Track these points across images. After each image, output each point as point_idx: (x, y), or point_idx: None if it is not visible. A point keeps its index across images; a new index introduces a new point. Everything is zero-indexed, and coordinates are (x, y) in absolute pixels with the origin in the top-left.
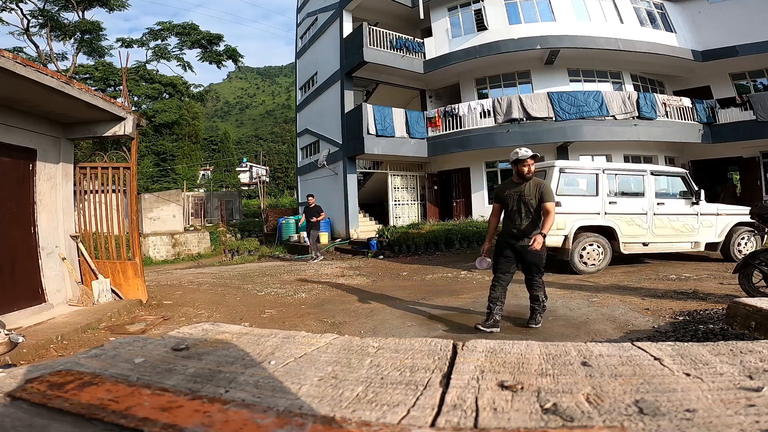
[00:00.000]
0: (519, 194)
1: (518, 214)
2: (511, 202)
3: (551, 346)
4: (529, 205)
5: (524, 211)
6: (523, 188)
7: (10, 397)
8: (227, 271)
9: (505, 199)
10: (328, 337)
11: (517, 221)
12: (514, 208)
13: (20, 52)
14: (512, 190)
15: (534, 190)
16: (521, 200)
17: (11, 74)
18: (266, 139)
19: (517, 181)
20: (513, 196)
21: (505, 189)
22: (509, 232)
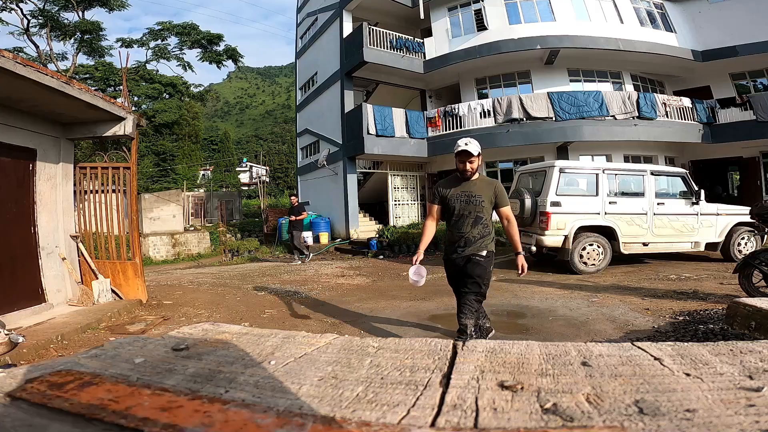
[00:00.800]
0: (467, 195)
1: (465, 219)
2: (457, 204)
3: (551, 346)
4: (479, 207)
5: (473, 216)
6: (471, 188)
7: (10, 397)
8: (227, 271)
9: (448, 200)
10: (328, 337)
11: (463, 227)
12: (460, 212)
13: (20, 52)
14: (458, 190)
15: (487, 191)
16: (470, 203)
17: (11, 74)
18: (266, 139)
19: (462, 178)
20: (459, 197)
21: (449, 187)
22: (452, 242)
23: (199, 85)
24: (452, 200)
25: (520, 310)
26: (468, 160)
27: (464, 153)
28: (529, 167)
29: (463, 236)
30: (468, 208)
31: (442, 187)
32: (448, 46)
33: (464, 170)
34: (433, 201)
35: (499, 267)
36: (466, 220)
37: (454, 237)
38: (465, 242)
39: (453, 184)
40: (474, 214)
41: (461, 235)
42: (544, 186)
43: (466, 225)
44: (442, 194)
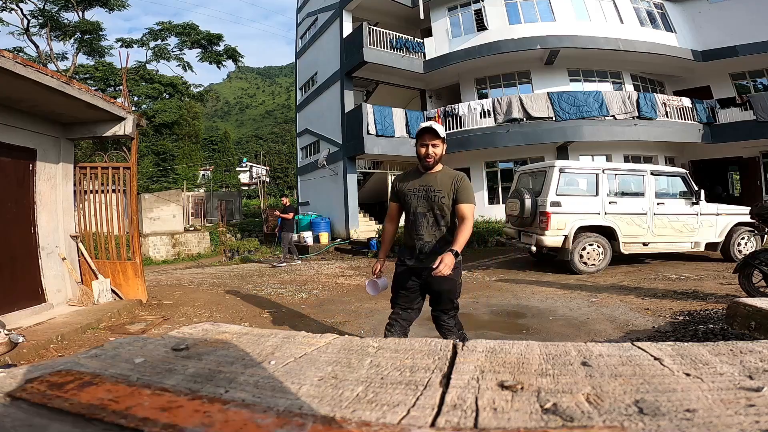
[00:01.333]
0: (426, 189)
1: (423, 218)
2: (414, 199)
3: (551, 346)
4: (439, 204)
5: (432, 213)
6: (431, 181)
7: (10, 397)
8: (227, 271)
9: (405, 194)
10: (328, 337)
11: (421, 229)
12: (417, 208)
13: (20, 52)
14: (416, 183)
15: (448, 185)
16: (429, 198)
17: (11, 74)
18: (266, 139)
19: (421, 170)
20: (416, 192)
21: (406, 180)
22: (409, 247)
23: (199, 85)
24: (408, 195)
25: (520, 310)
26: (431, 143)
27: (428, 132)
28: (529, 167)
29: (421, 239)
30: (426, 204)
31: (399, 181)
32: (448, 46)
33: (426, 156)
34: (390, 198)
35: (499, 267)
36: (423, 219)
37: (412, 241)
38: (426, 248)
39: (412, 176)
40: (433, 212)
41: (419, 237)
42: (544, 186)
43: (424, 226)
44: (398, 188)
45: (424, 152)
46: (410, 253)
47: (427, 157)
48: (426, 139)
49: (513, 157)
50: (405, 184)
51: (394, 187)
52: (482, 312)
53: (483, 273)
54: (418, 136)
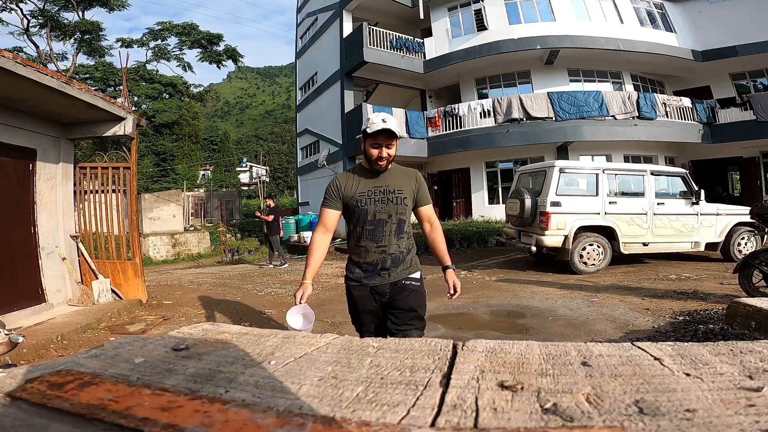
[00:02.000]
0: (383, 191)
1: (384, 226)
2: (371, 203)
3: (551, 346)
4: (402, 208)
5: (396, 219)
6: (388, 181)
7: (10, 397)
8: (227, 271)
9: (354, 200)
10: (328, 337)
11: (383, 239)
12: (376, 215)
13: (20, 52)
14: (369, 184)
15: (409, 184)
16: (389, 200)
17: (11, 74)
18: (266, 139)
19: (372, 170)
20: (372, 194)
21: (354, 182)
22: (371, 264)
23: (199, 85)
24: (361, 200)
25: (520, 310)
26: (386, 144)
27: (384, 133)
28: (529, 167)
29: (384, 251)
30: (387, 209)
31: (343, 183)
32: (448, 46)
33: (378, 159)
34: (326, 203)
35: (499, 267)
36: (385, 227)
37: (370, 255)
38: (390, 261)
39: (361, 176)
40: (396, 217)
41: (382, 250)
42: (544, 186)
43: (387, 235)
44: (344, 192)
45: (376, 154)
46: (370, 270)
47: (380, 160)
48: (380, 139)
49: (513, 157)
50: (354, 186)
51: (336, 191)
52: (482, 312)
53: (483, 273)
54: (371, 135)
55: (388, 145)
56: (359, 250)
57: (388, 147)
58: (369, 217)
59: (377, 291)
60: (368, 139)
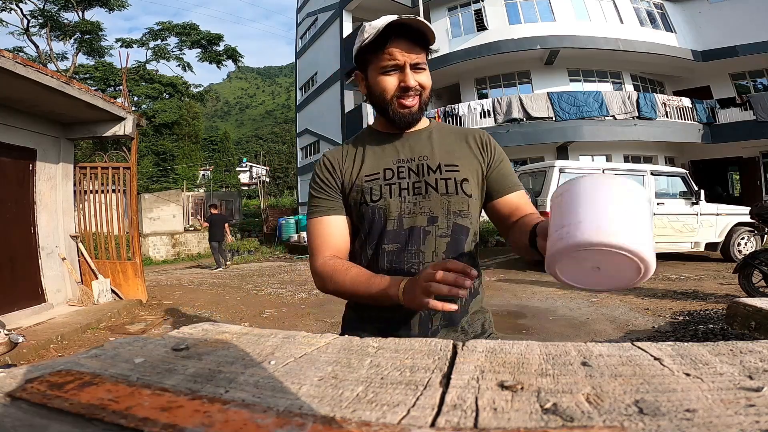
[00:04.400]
0: (416, 168)
1: (418, 242)
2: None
3: (551, 346)
4: (457, 200)
5: (444, 226)
6: (424, 149)
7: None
8: (227, 271)
9: (356, 192)
10: (328, 337)
11: (417, 268)
12: (401, 219)
13: (20, 52)
14: (387, 159)
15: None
16: (429, 187)
17: (11, 74)
18: (266, 139)
19: (392, 131)
20: (392, 179)
21: (353, 160)
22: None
23: (199, 85)
24: (373, 190)
25: (520, 310)
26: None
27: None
28: (529, 167)
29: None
30: (428, 204)
31: (336, 161)
32: (448, 46)
33: (403, 92)
34: (316, 209)
35: (499, 267)
36: (424, 243)
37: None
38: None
39: (367, 148)
40: (448, 221)
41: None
42: (544, 186)
43: (430, 261)
44: (340, 180)
45: (396, 85)
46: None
47: (405, 94)
48: (397, 52)
49: (513, 157)
50: (356, 164)
51: (326, 179)
52: None
53: (483, 273)
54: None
55: (417, 66)
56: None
57: (417, 69)
58: (391, 224)
59: None
60: (372, 61)
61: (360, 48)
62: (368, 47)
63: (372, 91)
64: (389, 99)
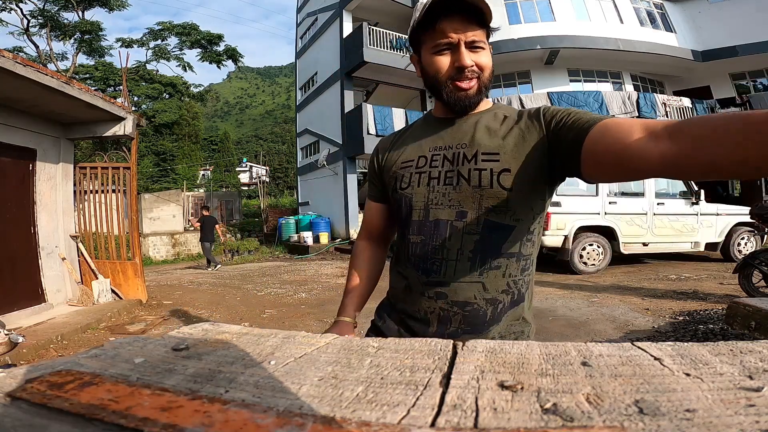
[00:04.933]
0: (451, 156)
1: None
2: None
3: (551, 346)
4: (490, 194)
5: (472, 223)
6: (465, 135)
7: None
8: (227, 271)
9: (392, 179)
10: (328, 337)
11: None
12: (428, 212)
13: (20, 52)
14: (427, 146)
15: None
16: (461, 178)
17: (11, 74)
18: (266, 139)
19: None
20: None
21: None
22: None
23: (199, 85)
24: (404, 177)
25: None
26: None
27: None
28: None
29: (445, 296)
30: (457, 197)
31: (383, 147)
32: None
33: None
34: (369, 189)
35: None
36: (448, 238)
37: (414, 296)
38: (455, 319)
39: (418, 133)
40: (479, 217)
41: (439, 291)
42: None
43: (455, 259)
44: (383, 164)
45: (452, 65)
46: (416, 330)
47: (461, 75)
48: (452, 29)
49: None
50: (399, 149)
51: (374, 164)
52: None
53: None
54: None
55: (473, 45)
56: (399, 283)
57: (474, 48)
58: (416, 214)
59: None
60: (425, 41)
61: (413, 27)
62: (420, 25)
63: (426, 73)
64: (444, 81)
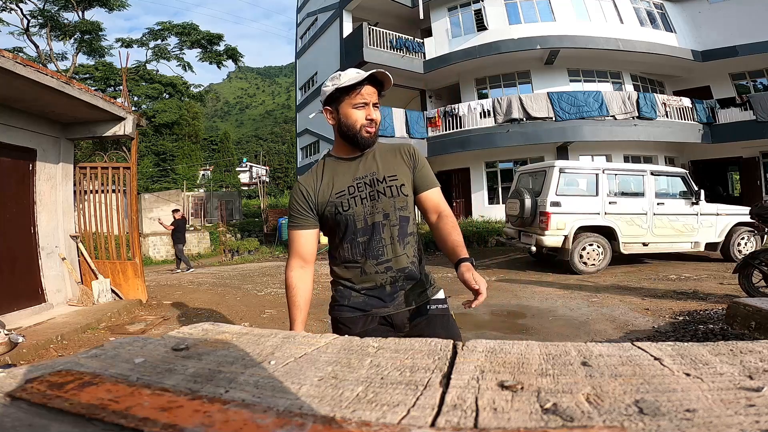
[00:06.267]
0: (372, 181)
1: (382, 231)
2: (358, 205)
3: (551, 346)
4: (401, 200)
5: (396, 218)
6: (372, 165)
7: (10, 397)
8: (227, 271)
9: (335, 204)
10: (328, 337)
11: (385, 251)
12: (367, 219)
13: (20, 52)
14: (348, 177)
15: (402, 164)
16: (381, 193)
17: (11, 74)
18: (266, 139)
19: (349, 156)
20: (357, 191)
21: (323, 183)
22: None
23: (199, 85)
24: (342, 203)
25: (520, 310)
26: (374, 103)
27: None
28: (529, 167)
29: (391, 268)
30: (381, 206)
31: (309, 188)
32: (448, 46)
33: (368, 124)
34: (294, 223)
35: (499, 267)
36: (383, 232)
37: (370, 277)
38: (403, 279)
39: (332, 172)
40: (396, 215)
41: (387, 266)
42: (544, 186)
43: (390, 243)
44: (315, 201)
45: (364, 117)
46: (377, 295)
47: (369, 126)
48: (365, 94)
49: (513, 157)
50: (326, 186)
51: (304, 202)
52: (482, 312)
53: (483, 273)
54: (348, 90)
55: (376, 105)
56: (353, 272)
57: (376, 107)
58: (359, 224)
59: (392, 322)
60: (344, 99)
61: (337, 88)
62: (345, 88)
63: (343, 122)
64: (359, 127)
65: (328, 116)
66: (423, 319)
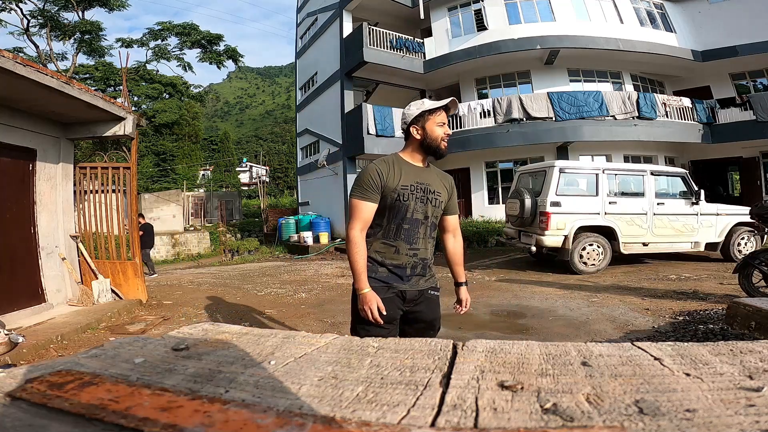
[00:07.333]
0: (424, 189)
1: (419, 227)
2: (411, 200)
3: (551, 346)
4: (437, 212)
5: (430, 223)
6: (429, 178)
7: (10, 397)
8: (227, 271)
9: (399, 193)
10: (328, 337)
11: (417, 241)
12: (414, 213)
13: (20, 52)
14: (411, 178)
15: (446, 187)
16: (428, 201)
17: (11, 74)
18: (266, 139)
19: (416, 164)
20: (414, 191)
21: (395, 173)
22: (398, 267)
23: (199, 85)
24: (404, 194)
25: (520, 310)
26: (447, 123)
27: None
28: (529, 167)
29: (416, 255)
30: (425, 209)
31: (385, 171)
32: (448, 46)
33: (445, 138)
34: (365, 195)
35: (499, 267)
36: (420, 228)
37: (400, 257)
38: (421, 267)
39: (404, 169)
40: (431, 220)
41: (414, 253)
42: (544, 186)
43: (422, 237)
44: (387, 182)
45: (443, 134)
46: (398, 273)
47: (446, 139)
48: (445, 116)
49: (513, 157)
50: (396, 176)
51: (378, 180)
52: (482, 312)
53: (483, 273)
54: (435, 111)
55: (446, 124)
56: (388, 249)
57: (447, 126)
58: (408, 214)
59: (405, 297)
60: (429, 119)
61: (426, 111)
62: (430, 110)
63: (429, 135)
64: (440, 141)
65: (415, 132)
66: (424, 299)
